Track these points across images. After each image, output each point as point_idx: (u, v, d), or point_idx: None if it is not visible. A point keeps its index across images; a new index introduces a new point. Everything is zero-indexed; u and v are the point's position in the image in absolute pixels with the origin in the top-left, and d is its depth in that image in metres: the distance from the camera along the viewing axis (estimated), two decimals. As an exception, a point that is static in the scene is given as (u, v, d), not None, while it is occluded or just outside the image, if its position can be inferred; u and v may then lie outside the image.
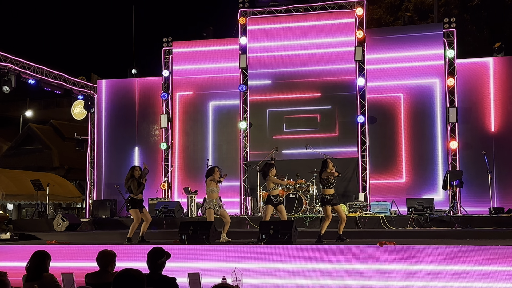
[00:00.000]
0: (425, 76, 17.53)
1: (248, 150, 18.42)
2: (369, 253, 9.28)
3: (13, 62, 16.74)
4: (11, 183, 21.94)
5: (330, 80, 18.03)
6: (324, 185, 11.61)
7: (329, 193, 11.55)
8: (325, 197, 11.56)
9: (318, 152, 16.82)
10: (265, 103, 18.47)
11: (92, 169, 20.06)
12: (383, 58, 17.86)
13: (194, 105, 19.32)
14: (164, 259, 6.45)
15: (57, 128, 32.62)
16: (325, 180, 11.60)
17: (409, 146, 17.59)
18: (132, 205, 12.33)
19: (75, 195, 25.31)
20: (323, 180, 11.64)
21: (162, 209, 16.50)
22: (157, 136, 19.73)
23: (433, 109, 17.49)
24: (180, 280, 6.68)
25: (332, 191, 11.58)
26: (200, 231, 10.91)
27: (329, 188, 11.56)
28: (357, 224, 14.59)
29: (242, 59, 18.42)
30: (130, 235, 12.26)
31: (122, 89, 20.31)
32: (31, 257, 6.80)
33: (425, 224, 14.24)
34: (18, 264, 7.98)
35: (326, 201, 11.53)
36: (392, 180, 17.49)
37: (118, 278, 4.48)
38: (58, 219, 15.70)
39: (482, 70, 17.48)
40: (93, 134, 20.23)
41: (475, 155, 16.94)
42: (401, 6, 29.58)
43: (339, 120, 18.01)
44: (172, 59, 19.50)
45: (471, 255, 8.79)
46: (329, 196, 11.54)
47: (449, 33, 17.55)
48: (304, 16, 18.44)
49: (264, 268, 9.47)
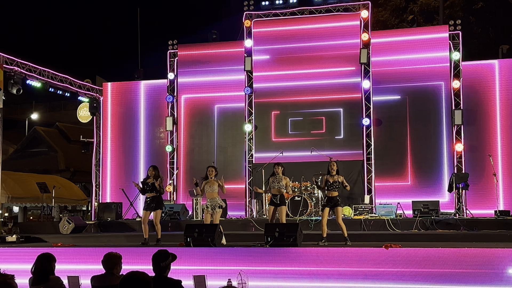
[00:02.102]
0: (431, 78, 17.51)
1: (253, 152, 18.43)
2: (374, 255, 9.27)
3: (19, 65, 16.79)
4: (17, 185, 22.00)
5: (335, 83, 18.02)
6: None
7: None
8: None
9: (323, 155, 16.81)
10: (270, 105, 18.48)
11: (98, 172, 20.10)
12: (388, 60, 17.85)
13: (199, 108, 19.35)
14: (169, 262, 6.42)
15: (63, 131, 32.70)
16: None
17: (415, 148, 17.56)
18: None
19: (81, 198, 25.36)
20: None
21: (168, 211, 16.51)
22: (163, 139, 19.76)
23: (438, 112, 17.46)
24: (186, 283, 6.68)
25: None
26: (206, 234, 10.90)
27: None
28: (362, 227, 14.56)
29: (247, 62, 18.44)
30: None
31: (127, 92, 20.35)
32: (36, 260, 6.81)
33: (431, 227, 14.20)
34: (24, 267, 7.99)
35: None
36: (398, 182, 17.47)
37: (124, 281, 4.48)
38: (63, 221, 15.73)
39: (487, 72, 17.45)
40: (98, 137, 20.28)
41: (481, 157, 16.92)
42: (407, 8, 29.55)
43: (344, 122, 18.00)
44: (178, 62, 19.53)
45: (477, 258, 8.76)
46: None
47: (455, 36, 17.52)
48: (309, 19, 18.45)
49: (269, 270, 9.47)
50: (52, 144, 31.26)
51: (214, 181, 11.96)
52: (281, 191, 11.95)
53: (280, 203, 11.97)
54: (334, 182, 11.83)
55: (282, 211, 11.97)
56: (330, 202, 11.87)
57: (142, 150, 19.90)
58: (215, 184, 11.93)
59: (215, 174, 12.06)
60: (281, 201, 11.99)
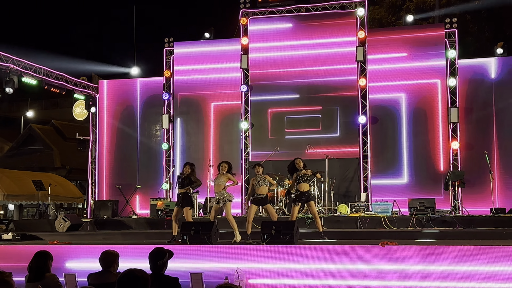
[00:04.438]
0: (427, 76, 17.53)
1: (249, 150, 18.42)
2: (371, 253, 9.28)
3: (14, 62, 16.75)
4: (13, 183, 21.94)
5: (331, 81, 18.02)
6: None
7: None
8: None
9: (319, 153, 16.82)
10: (267, 103, 18.47)
11: (94, 170, 20.07)
12: (384, 58, 17.86)
13: (196, 106, 19.33)
14: (166, 259, 6.43)
15: (59, 129, 32.61)
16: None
17: (411, 146, 17.58)
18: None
19: (77, 196, 25.31)
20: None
21: (164, 209, 16.50)
22: (159, 137, 19.73)
23: (434, 110, 17.48)
24: (183, 281, 6.69)
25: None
26: (202, 232, 10.93)
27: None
28: (358, 225, 14.58)
29: (244, 60, 18.43)
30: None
31: (123, 89, 20.31)
32: (33, 258, 6.81)
33: (427, 225, 14.22)
34: (20, 264, 7.99)
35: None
36: (394, 180, 17.50)
37: (122, 278, 4.48)
38: (59, 219, 15.70)
39: (483, 70, 17.48)
40: (94, 135, 20.24)
41: (477, 155, 16.95)
42: (403, 6, 29.58)
43: (340, 120, 18.01)
44: (174, 59, 19.50)
45: (473, 255, 8.79)
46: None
47: (451, 33, 17.54)
48: (305, 17, 18.44)
49: (266, 268, 9.48)
50: (48, 141, 31.16)
51: (222, 175, 12.27)
52: (265, 189, 12.17)
53: (265, 202, 12.23)
54: (304, 174, 11.94)
55: (270, 208, 12.20)
56: (302, 197, 11.92)
57: (138, 148, 19.86)
58: (222, 177, 12.22)
59: (227, 169, 12.35)
60: (265, 200, 12.27)
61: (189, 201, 12.57)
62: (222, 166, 12.39)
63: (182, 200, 12.41)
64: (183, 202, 12.40)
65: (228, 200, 12.17)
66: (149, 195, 18.76)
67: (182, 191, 12.42)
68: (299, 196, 12.10)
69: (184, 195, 12.41)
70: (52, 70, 18.29)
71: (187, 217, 12.41)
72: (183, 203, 12.40)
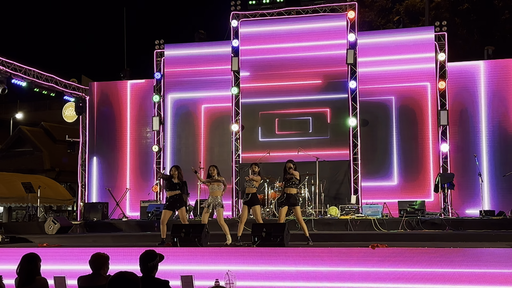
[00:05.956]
0: (417, 79, 17.62)
1: (240, 152, 18.43)
2: (361, 255, 9.30)
3: (4, 64, 16.66)
4: (2, 185, 21.79)
5: (322, 83, 18.08)
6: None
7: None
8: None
9: (310, 155, 16.85)
10: (257, 105, 18.49)
11: (84, 172, 20.00)
12: (374, 61, 17.92)
13: (186, 108, 19.31)
14: (156, 262, 6.41)
15: (48, 131, 32.44)
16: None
17: (401, 149, 17.67)
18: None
19: (66, 198, 25.17)
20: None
21: (154, 211, 16.48)
22: (149, 139, 19.69)
23: (424, 112, 17.58)
24: (173, 283, 6.67)
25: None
26: (193, 234, 10.90)
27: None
28: (348, 227, 14.62)
29: (234, 62, 18.44)
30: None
31: (113, 91, 20.26)
32: (21, 260, 6.74)
33: (417, 227, 14.29)
34: (10, 267, 7.93)
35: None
36: (384, 182, 17.56)
37: (113, 281, 4.47)
38: (49, 221, 15.63)
39: (473, 73, 17.59)
40: (84, 137, 20.17)
41: (466, 157, 17.07)
42: (392, 9, 29.74)
43: (331, 122, 18.06)
44: (164, 61, 19.47)
45: (462, 257, 8.83)
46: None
47: (440, 37, 17.64)
48: (296, 19, 18.48)
49: (256, 270, 9.47)
50: (37, 143, 31.00)
51: (217, 180, 12.09)
52: (252, 189, 12.09)
53: (253, 202, 12.14)
54: (291, 178, 11.87)
55: (256, 210, 12.13)
56: (288, 201, 11.89)
57: (128, 150, 19.81)
58: (217, 183, 12.07)
59: (217, 172, 12.19)
60: (252, 200, 12.15)
61: (183, 202, 12.51)
62: (212, 170, 12.20)
63: (177, 203, 12.28)
64: (180, 203, 12.29)
65: (220, 206, 12.06)
66: (139, 197, 18.71)
67: (173, 194, 12.31)
68: (286, 198, 12.05)
69: (179, 196, 12.31)
70: (41, 72, 18.20)
71: (183, 218, 12.35)
72: (180, 205, 12.30)
